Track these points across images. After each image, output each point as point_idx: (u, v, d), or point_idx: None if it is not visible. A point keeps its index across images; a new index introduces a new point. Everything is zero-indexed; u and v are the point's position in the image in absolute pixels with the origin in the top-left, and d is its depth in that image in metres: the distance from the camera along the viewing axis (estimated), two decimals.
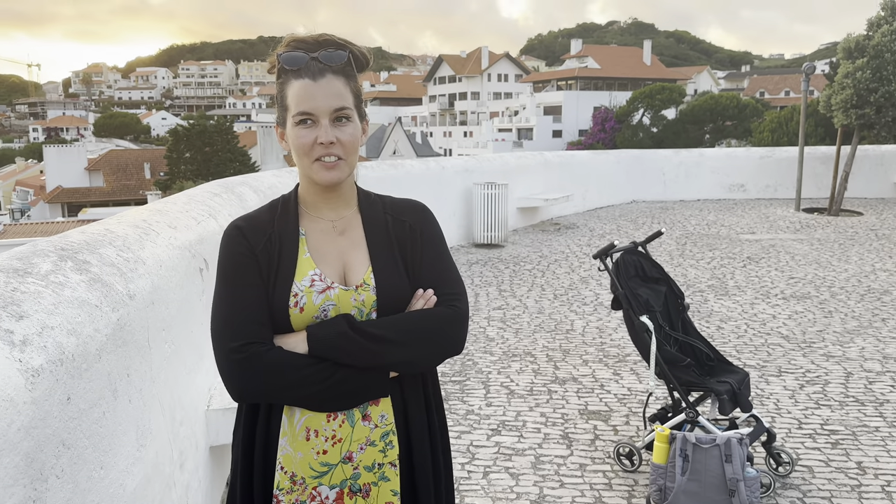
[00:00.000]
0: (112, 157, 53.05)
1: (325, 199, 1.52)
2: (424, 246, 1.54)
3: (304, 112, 1.42)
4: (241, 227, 1.48)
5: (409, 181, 8.00)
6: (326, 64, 1.43)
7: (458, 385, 4.35)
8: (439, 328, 1.46)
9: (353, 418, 1.46)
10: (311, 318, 1.44)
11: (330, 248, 1.50)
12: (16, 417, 1.36)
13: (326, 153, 1.43)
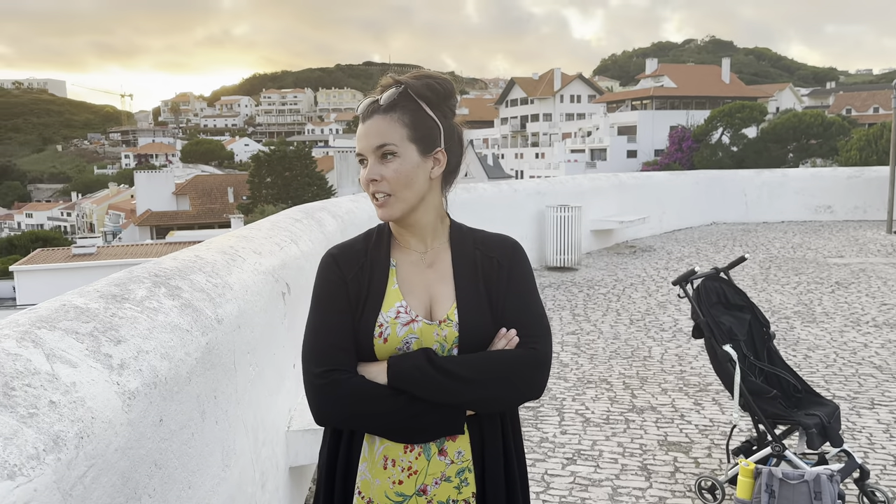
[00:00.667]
0: (198, 182, 55.52)
1: (410, 232, 1.55)
2: (511, 283, 1.53)
3: (358, 153, 1.51)
4: (336, 256, 1.53)
5: (481, 205, 8.04)
6: (378, 105, 1.48)
7: (531, 411, 4.31)
8: (518, 370, 1.45)
9: (429, 452, 1.48)
10: (394, 349, 1.47)
11: (417, 281, 1.53)
12: (113, 439, 1.43)
13: (375, 190, 1.47)
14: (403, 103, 1.48)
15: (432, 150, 1.50)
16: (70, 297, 1.82)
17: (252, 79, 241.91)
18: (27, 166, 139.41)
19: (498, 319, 1.50)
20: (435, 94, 1.52)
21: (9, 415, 1.22)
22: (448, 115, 1.55)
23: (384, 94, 1.48)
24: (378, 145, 1.45)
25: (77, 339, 1.58)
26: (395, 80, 1.51)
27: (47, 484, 1.19)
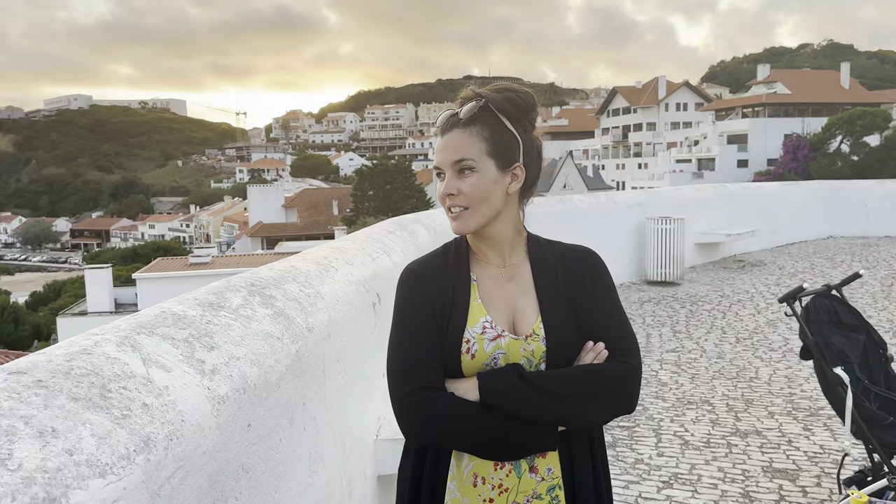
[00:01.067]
0: (305, 196, 57.75)
1: (487, 246, 1.54)
2: (595, 296, 1.51)
3: (435, 166, 1.51)
4: (417, 272, 1.53)
5: (577, 216, 7.90)
6: (457, 118, 1.47)
7: (626, 431, 4.17)
8: (611, 385, 1.43)
9: (520, 469, 1.46)
10: (482, 366, 1.46)
11: (499, 295, 1.51)
12: (202, 441, 1.49)
13: (452, 204, 1.47)
14: (483, 117, 1.47)
15: (511, 165, 1.48)
16: (170, 305, 1.92)
17: (357, 95, 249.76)
18: (151, 180, 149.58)
19: (583, 333, 1.48)
20: (516, 108, 1.49)
21: (104, 416, 1.29)
22: (528, 128, 1.52)
23: (464, 108, 1.47)
24: (456, 159, 1.44)
25: (173, 345, 1.66)
26: (476, 94, 1.49)
27: (136, 483, 1.25)
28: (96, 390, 1.34)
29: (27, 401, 1.21)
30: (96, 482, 1.16)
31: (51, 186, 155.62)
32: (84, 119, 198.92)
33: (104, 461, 1.20)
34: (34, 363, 1.36)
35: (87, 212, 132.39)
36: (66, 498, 1.09)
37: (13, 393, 1.21)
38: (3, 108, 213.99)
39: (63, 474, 1.11)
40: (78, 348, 1.48)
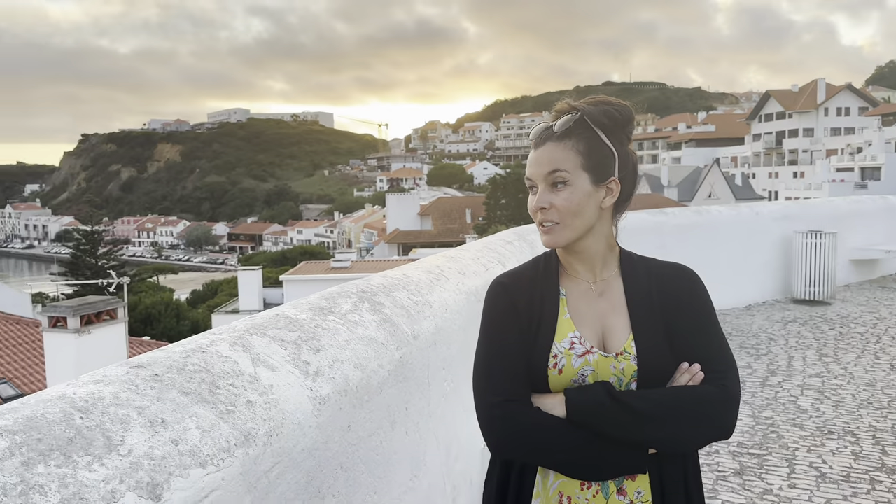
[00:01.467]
0: (440, 204, 58.96)
1: (578, 260, 1.51)
2: (692, 316, 1.46)
3: (527, 178, 1.48)
4: (505, 284, 1.52)
5: (714, 228, 7.51)
6: (551, 131, 1.45)
7: (756, 459, 3.91)
8: (707, 409, 1.38)
9: (607, 490, 1.42)
10: (569, 382, 1.44)
11: (589, 311, 1.48)
12: (301, 439, 1.57)
13: (544, 218, 1.44)
14: (579, 130, 1.43)
15: (606, 179, 1.45)
16: (285, 308, 2.04)
17: (494, 105, 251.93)
18: (300, 189, 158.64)
19: (678, 354, 1.43)
20: (612, 121, 1.45)
21: (210, 410, 1.39)
22: (624, 142, 1.47)
23: (559, 121, 1.44)
24: (549, 172, 1.43)
25: (281, 346, 1.76)
26: (572, 106, 1.46)
27: (234, 475, 1.34)
28: (206, 386, 1.45)
29: (143, 393, 1.33)
30: (197, 472, 1.25)
31: (212, 193, 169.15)
32: (242, 131, 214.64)
33: (206, 452, 1.30)
34: (154, 359, 1.50)
35: (242, 217, 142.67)
36: (167, 484, 1.19)
37: (131, 385, 1.34)
38: (172, 121, 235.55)
39: (167, 462, 1.22)
40: (195, 346, 1.61)
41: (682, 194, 61.53)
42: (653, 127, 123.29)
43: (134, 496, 1.12)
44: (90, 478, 1.09)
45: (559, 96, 1.51)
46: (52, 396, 1.24)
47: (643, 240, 7.09)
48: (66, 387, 1.30)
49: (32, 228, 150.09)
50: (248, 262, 69.79)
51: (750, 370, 5.56)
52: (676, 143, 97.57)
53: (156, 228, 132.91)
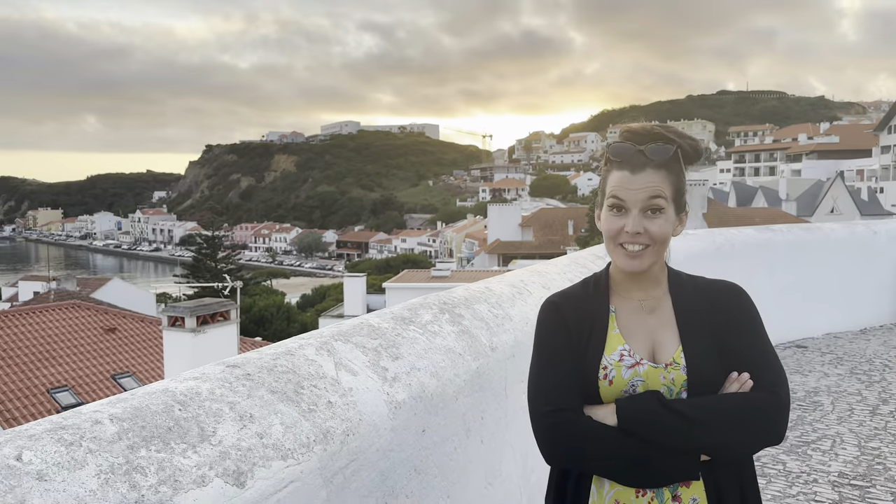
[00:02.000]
0: (541, 215, 58.60)
1: (635, 281, 1.56)
2: (740, 330, 1.50)
3: (617, 198, 1.48)
4: (557, 303, 1.58)
5: (827, 247, 7.12)
6: (649, 157, 1.48)
7: (858, 490, 3.69)
8: (757, 415, 1.41)
9: (662, 497, 1.45)
10: (620, 392, 1.48)
11: (639, 326, 1.54)
12: (376, 440, 1.68)
13: (631, 241, 1.48)
14: (672, 161, 1.50)
15: (682, 211, 1.54)
16: (369, 317, 2.18)
17: (600, 115, 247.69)
18: (404, 198, 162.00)
19: (728, 367, 1.47)
20: (696, 156, 1.54)
21: (294, 408, 1.53)
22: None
23: (656, 148, 1.48)
24: (648, 197, 1.46)
25: (363, 353, 1.89)
26: (665, 136, 1.51)
27: (312, 469, 1.47)
28: (292, 386, 1.60)
29: (235, 389, 1.49)
30: (278, 463, 1.39)
31: (322, 202, 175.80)
32: (352, 143, 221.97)
33: (287, 447, 1.44)
34: (248, 359, 1.66)
35: (350, 225, 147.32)
36: (251, 473, 1.33)
37: (225, 382, 1.50)
38: (288, 133, 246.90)
39: (252, 454, 1.36)
40: (284, 349, 1.76)
41: (801, 209, 58.26)
42: (771, 138, 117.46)
43: (221, 482, 1.27)
44: (184, 463, 1.24)
45: (669, 106, 1.59)
46: (156, 390, 1.41)
47: (749, 258, 6.83)
48: (169, 381, 1.47)
49: (159, 232, 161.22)
50: (354, 269, 71.90)
51: (859, 397, 5.25)
52: (796, 154, 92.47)
53: (271, 235, 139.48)
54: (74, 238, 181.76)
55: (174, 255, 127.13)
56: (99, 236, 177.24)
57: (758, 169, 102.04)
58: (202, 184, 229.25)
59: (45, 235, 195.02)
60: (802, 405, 5.09)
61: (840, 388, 5.49)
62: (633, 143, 1.51)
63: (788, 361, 6.26)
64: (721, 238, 6.44)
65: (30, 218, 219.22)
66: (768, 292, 7.00)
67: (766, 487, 3.72)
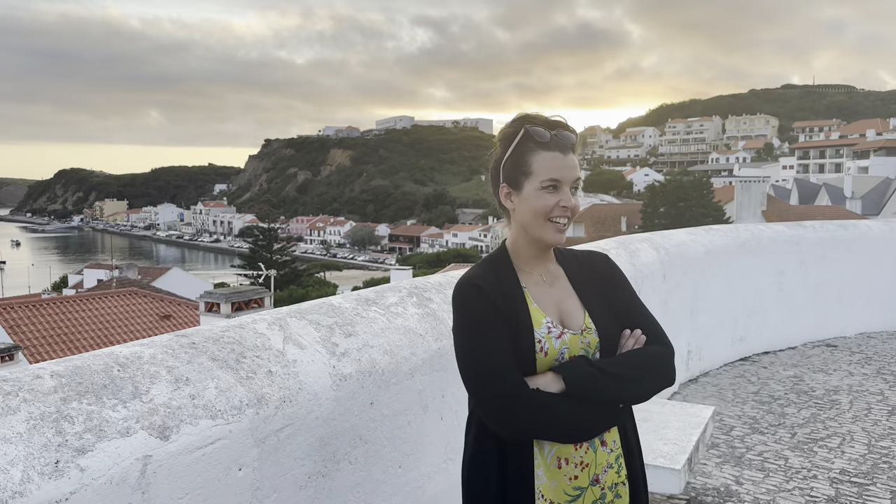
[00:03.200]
0: (594, 211, 57.92)
1: (538, 257, 1.71)
2: (622, 293, 1.76)
3: (555, 179, 1.62)
4: (479, 285, 1.65)
5: (861, 245, 6.92)
6: (568, 142, 1.65)
7: (856, 487, 3.64)
8: (660, 364, 1.68)
9: (594, 445, 1.62)
10: (553, 361, 1.62)
11: (547, 299, 1.69)
12: (315, 408, 1.81)
13: (562, 215, 1.63)
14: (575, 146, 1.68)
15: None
16: (334, 298, 2.30)
17: (658, 109, 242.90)
18: (457, 193, 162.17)
19: (620, 322, 1.71)
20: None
21: (231, 375, 1.67)
22: None
23: (573, 135, 1.67)
24: (576, 178, 1.66)
25: (316, 329, 2.02)
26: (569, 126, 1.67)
27: (242, 430, 1.60)
28: (234, 356, 1.74)
29: (177, 356, 1.64)
30: (206, 422, 1.53)
31: (376, 196, 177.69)
32: (406, 137, 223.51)
33: (218, 408, 1.58)
34: (199, 331, 1.80)
35: (403, 219, 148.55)
36: (178, 428, 1.47)
37: (169, 349, 1.65)
38: (344, 128, 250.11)
39: (181, 412, 1.51)
40: (236, 323, 1.91)
41: (866, 207, 56.01)
42: (837, 133, 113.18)
43: (145, 434, 1.41)
44: (112, 415, 1.39)
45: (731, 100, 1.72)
46: (102, 353, 1.57)
47: (778, 255, 6.71)
48: (117, 347, 1.63)
49: (219, 224, 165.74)
50: (405, 263, 72.42)
51: (881, 397, 5.13)
52: (864, 151, 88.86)
53: (325, 228, 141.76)
54: (139, 228, 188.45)
55: (233, 246, 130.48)
56: (162, 227, 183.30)
57: (822, 166, 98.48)
58: (261, 177, 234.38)
59: (111, 225, 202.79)
60: (819, 403, 5.02)
61: (863, 387, 5.38)
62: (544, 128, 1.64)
63: (814, 360, 6.15)
64: (747, 234, 6.35)
65: (97, 208, 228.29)
66: (799, 290, 6.87)
67: (763, 481, 3.72)
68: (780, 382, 5.51)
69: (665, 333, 1.73)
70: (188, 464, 1.46)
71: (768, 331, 6.41)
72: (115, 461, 1.33)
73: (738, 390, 5.33)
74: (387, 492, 2.08)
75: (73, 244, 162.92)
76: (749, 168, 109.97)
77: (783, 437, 4.37)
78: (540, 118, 1.66)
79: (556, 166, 1.62)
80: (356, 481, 1.95)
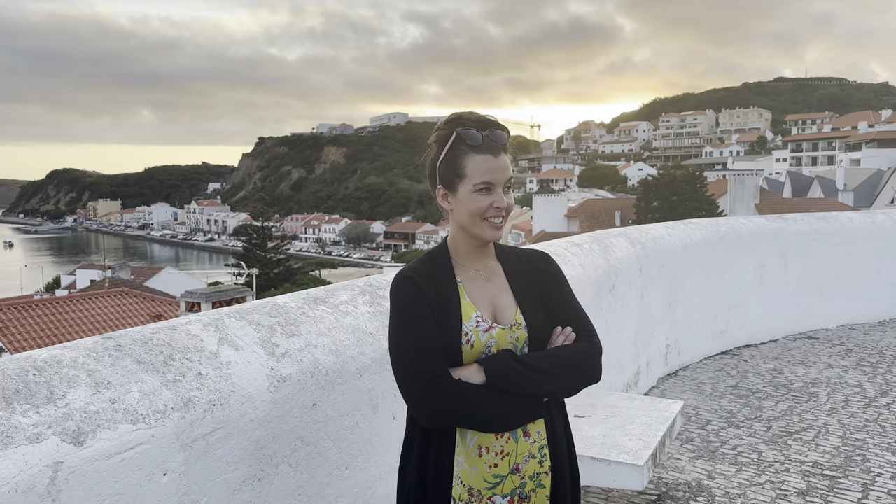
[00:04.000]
0: (588, 206, 57.93)
1: (477, 253, 1.76)
2: (557, 290, 1.79)
3: (487, 182, 1.66)
4: (413, 278, 1.69)
5: (843, 237, 6.90)
6: (500, 143, 1.69)
7: (828, 480, 3.62)
8: (586, 360, 1.71)
9: (516, 435, 1.67)
10: (479, 354, 1.67)
11: (481, 294, 1.73)
12: (250, 411, 1.77)
13: (496, 214, 1.68)
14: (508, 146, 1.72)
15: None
16: (280, 297, 2.26)
17: (652, 104, 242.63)
18: None
19: (552, 319, 1.75)
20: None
21: (157, 378, 1.63)
22: None
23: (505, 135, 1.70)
24: (509, 178, 1.70)
25: (255, 329, 1.98)
26: (500, 124, 1.71)
27: (166, 434, 1.56)
28: (161, 358, 1.70)
29: (99, 359, 1.60)
30: (125, 427, 1.49)
31: (370, 193, 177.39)
32: (400, 134, 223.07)
33: (140, 412, 1.54)
34: (127, 333, 1.76)
35: (398, 216, 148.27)
36: (94, 434, 1.43)
37: (93, 353, 1.61)
38: (337, 125, 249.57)
39: (99, 416, 1.47)
40: (169, 325, 1.86)
41: (858, 199, 56.12)
42: (829, 126, 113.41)
43: (57, 440, 1.37)
44: (22, 421, 1.35)
45: (724, 93, 1.69)
46: (21, 357, 1.53)
47: (758, 248, 6.69)
48: (37, 350, 1.59)
49: (213, 223, 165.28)
50: (400, 260, 72.32)
51: (858, 389, 5.11)
52: (856, 143, 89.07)
53: (320, 226, 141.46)
54: (132, 228, 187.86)
55: (227, 245, 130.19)
56: (156, 226, 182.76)
57: (815, 158, 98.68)
58: (255, 175, 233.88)
59: (105, 226, 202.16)
60: (797, 396, 5.00)
61: (841, 379, 5.37)
62: (475, 130, 1.68)
63: (795, 353, 6.14)
64: (726, 227, 6.33)
65: (90, 208, 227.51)
66: (780, 283, 6.85)
67: (735, 476, 3.70)
68: (760, 375, 5.50)
69: (595, 332, 1.76)
70: (105, 469, 1.42)
71: (749, 324, 6.39)
72: (22, 468, 1.29)
73: (717, 384, 5.31)
74: (332, 494, 2.05)
75: (67, 245, 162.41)
76: (742, 161, 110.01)
77: (758, 430, 4.35)
78: (472, 118, 1.69)
79: (487, 168, 1.66)
80: (297, 484, 1.92)
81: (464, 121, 1.68)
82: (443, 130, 1.71)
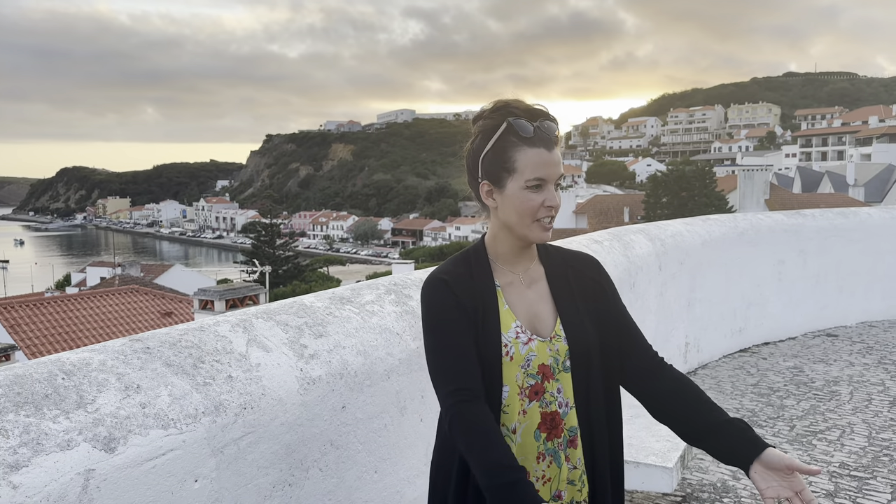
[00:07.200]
0: (597, 202, 57.73)
1: (519, 255, 1.61)
2: (615, 304, 1.65)
3: (540, 178, 1.51)
4: (447, 281, 1.55)
5: (863, 233, 6.81)
6: (552, 135, 1.53)
7: (856, 481, 3.55)
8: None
9: (559, 461, 1.56)
10: (518, 367, 1.53)
11: (521, 300, 1.59)
12: (280, 414, 1.73)
13: (547, 214, 1.53)
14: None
15: None
16: (306, 297, 2.22)
17: (660, 99, 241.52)
18: (459, 186, 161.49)
19: (603, 333, 1.61)
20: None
21: (187, 381, 1.59)
22: None
23: (555, 127, 1.55)
24: (560, 174, 1.55)
25: (283, 330, 1.93)
26: (550, 115, 1.56)
27: (197, 439, 1.52)
28: (191, 360, 1.65)
29: (128, 362, 1.55)
30: (156, 432, 1.45)
31: (378, 190, 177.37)
32: (408, 131, 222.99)
33: (171, 417, 1.49)
34: (154, 335, 1.72)
35: (405, 213, 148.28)
36: (125, 440, 1.39)
37: (121, 355, 1.56)
38: (345, 122, 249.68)
39: (130, 422, 1.42)
40: (196, 326, 1.82)
41: (869, 195, 55.69)
42: (839, 121, 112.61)
43: (88, 446, 1.33)
44: (52, 428, 1.31)
45: (733, 88, 1.60)
46: (48, 360, 1.48)
47: (777, 244, 6.60)
48: (65, 353, 1.55)
49: (222, 220, 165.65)
50: (408, 256, 72.37)
51: (882, 387, 5.04)
52: (866, 138, 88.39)
53: (328, 223, 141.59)
54: (142, 226, 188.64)
55: (236, 242, 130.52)
56: (165, 224, 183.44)
57: (825, 153, 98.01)
58: (263, 173, 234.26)
59: (114, 223, 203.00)
60: (819, 394, 4.93)
61: (863, 377, 5.29)
62: (526, 120, 1.52)
63: (814, 350, 6.06)
64: (745, 223, 6.25)
65: (100, 206, 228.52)
66: (798, 280, 6.76)
67: None
68: (780, 374, 5.42)
69: (647, 340, 1.66)
70: (136, 477, 1.38)
71: (768, 321, 6.31)
72: (53, 476, 1.25)
73: (737, 382, 5.24)
74: (362, 498, 2.00)
75: (77, 242, 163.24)
76: (752, 157, 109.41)
77: (782, 429, 4.29)
78: (522, 107, 1.52)
79: (540, 163, 1.50)
80: (327, 489, 1.87)
81: (513, 109, 1.51)
82: (489, 119, 1.54)
